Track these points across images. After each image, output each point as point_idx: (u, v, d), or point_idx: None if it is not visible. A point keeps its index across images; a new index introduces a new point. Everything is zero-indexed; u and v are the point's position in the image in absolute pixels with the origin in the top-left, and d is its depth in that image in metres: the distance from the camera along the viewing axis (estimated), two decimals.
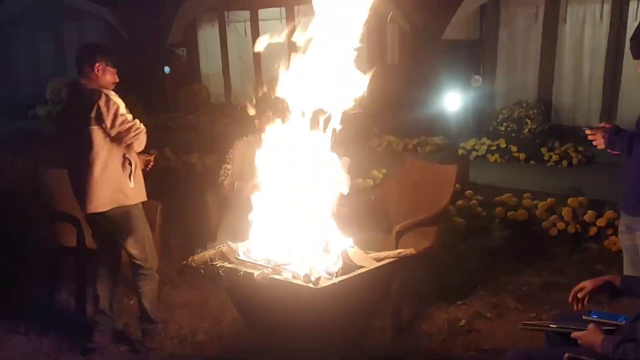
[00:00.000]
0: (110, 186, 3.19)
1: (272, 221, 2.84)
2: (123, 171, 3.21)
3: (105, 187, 3.18)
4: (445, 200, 3.58)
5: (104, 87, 3.21)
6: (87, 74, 3.20)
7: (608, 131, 2.42)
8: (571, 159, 6.82)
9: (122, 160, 3.21)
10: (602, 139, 2.42)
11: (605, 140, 2.42)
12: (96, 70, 3.21)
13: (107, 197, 3.20)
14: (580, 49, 7.79)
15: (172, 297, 4.09)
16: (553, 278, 4.09)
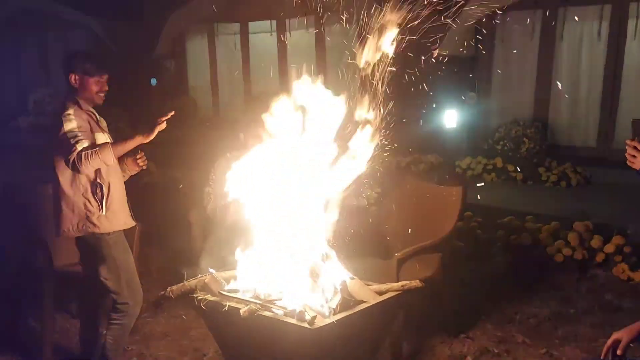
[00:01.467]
0: (77, 213, 2.88)
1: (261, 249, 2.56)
2: (93, 197, 2.89)
3: (70, 213, 2.88)
4: (450, 225, 3.32)
5: (90, 99, 2.92)
6: (69, 85, 2.93)
7: None
8: (569, 180, 6.62)
9: (89, 186, 2.89)
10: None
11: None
12: (73, 81, 2.94)
13: (74, 224, 2.89)
14: (578, 67, 7.62)
15: (150, 326, 3.77)
16: (561, 309, 3.83)
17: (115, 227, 2.96)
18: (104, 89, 3.00)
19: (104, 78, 2.99)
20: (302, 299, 2.30)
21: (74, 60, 2.99)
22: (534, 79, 7.92)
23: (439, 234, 3.35)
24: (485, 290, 4.11)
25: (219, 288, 2.49)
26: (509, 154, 7.03)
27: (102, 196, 2.89)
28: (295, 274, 2.42)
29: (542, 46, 7.83)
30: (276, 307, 2.29)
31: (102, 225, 2.90)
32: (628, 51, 7.20)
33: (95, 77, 2.96)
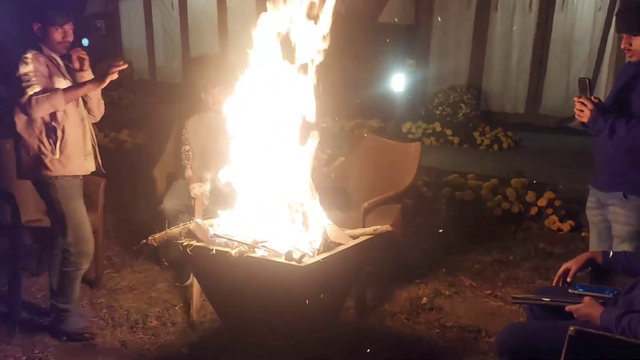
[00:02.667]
0: (32, 155, 2.89)
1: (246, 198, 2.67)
2: (47, 140, 2.88)
3: (26, 155, 2.90)
4: (410, 178, 3.55)
5: (52, 48, 2.88)
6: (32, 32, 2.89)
7: (596, 108, 2.45)
8: (501, 143, 7.07)
9: (44, 129, 2.88)
10: (590, 113, 2.45)
11: (591, 115, 2.45)
12: (36, 30, 2.90)
13: (29, 166, 2.91)
14: (510, 37, 8.07)
15: (115, 280, 3.80)
16: (502, 256, 4.20)
17: (68, 172, 2.94)
18: (67, 39, 2.96)
19: (67, 28, 2.95)
20: (289, 241, 2.45)
21: (38, 9, 2.94)
22: (469, 47, 8.31)
23: (398, 187, 3.58)
24: (433, 241, 4.42)
25: (204, 234, 2.58)
26: (447, 119, 7.40)
27: (55, 139, 2.89)
28: (279, 218, 2.57)
29: (477, 16, 8.22)
30: (264, 248, 2.43)
31: (55, 168, 2.90)
32: (555, 23, 7.71)
33: (57, 26, 2.92)
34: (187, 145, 3.90)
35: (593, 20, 7.41)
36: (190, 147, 3.89)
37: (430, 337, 3.15)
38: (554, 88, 7.82)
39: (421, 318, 3.35)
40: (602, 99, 2.60)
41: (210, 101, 3.85)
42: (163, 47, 10.88)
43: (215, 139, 3.77)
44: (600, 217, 2.72)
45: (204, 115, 3.93)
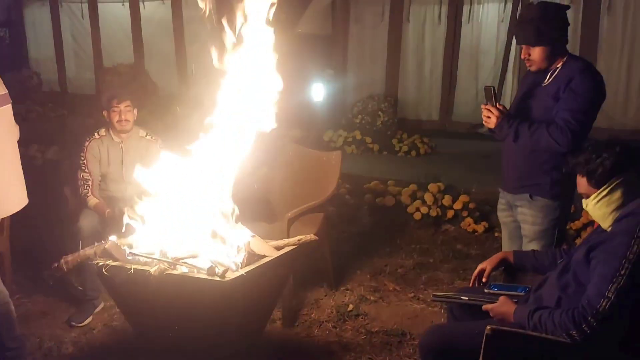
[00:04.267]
0: None
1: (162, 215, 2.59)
2: None
3: None
4: (332, 187, 3.59)
5: None
6: None
7: (502, 115, 2.59)
8: (419, 150, 7.32)
9: None
10: (496, 119, 2.59)
11: (497, 122, 2.59)
12: None
13: None
14: (422, 48, 8.39)
15: (26, 306, 3.57)
16: (422, 259, 4.34)
17: None
18: None
19: None
20: (209, 256, 2.41)
21: None
22: (384, 57, 8.56)
23: (321, 195, 3.61)
24: (357, 247, 4.50)
25: (121, 253, 2.48)
26: (367, 127, 7.57)
27: None
28: (198, 234, 2.51)
29: (391, 27, 8.48)
30: (185, 265, 2.37)
31: None
32: (463, 34, 8.11)
33: None
34: (86, 173, 3.60)
35: (497, 32, 7.86)
36: (89, 174, 3.60)
37: (357, 343, 3.19)
38: (464, 96, 8.21)
39: (348, 325, 3.38)
40: (508, 106, 2.76)
41: (115, 119, 3.58)
42: (74, 57, 10.40)
43: (120, 165, 3.61)
44: (510, 218, 2.87)
45: (105, 137, 3.68)
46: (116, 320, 3.41)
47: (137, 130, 3.71)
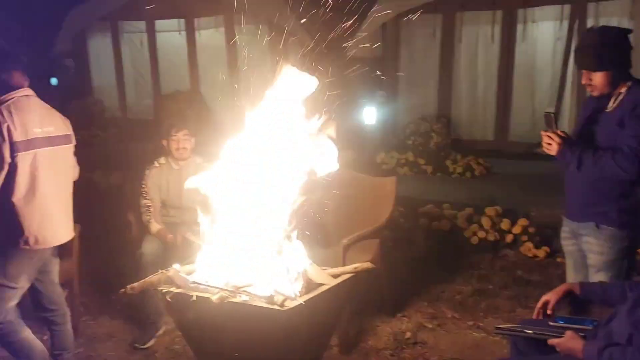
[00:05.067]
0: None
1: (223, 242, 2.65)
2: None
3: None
4: (387, 213, 3.59)
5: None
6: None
7: (563, 142, 2.53)
8: (473, 171, 7.19)
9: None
10: (558, 147, 2.53)
11: (559, 149, 2.53)
12: None
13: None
14: (475, 68, 8.29)
15: (93, 328, 3.71)
16: (481, 285, 4.25)
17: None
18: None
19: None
20: (269, 284, 2.44)
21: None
22: (436, 78, 8.51)
23: (376, 221, 3.61)
24: (413, 272, 4.44)
25: (183, 280, 2.55)
26: (419, 148, 7.52)
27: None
28: (258, 262, 2.55)
29: (443, 48, 8.44)
30: (245, 293, 2.41)
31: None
32: (518, 53, 7.97)
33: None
34: (147, 200, 3.73)
35: (553, 50, 7.68)
36: (151, 201, 3.73)
37: None
38: (520, 115, 8.03)
39: (406, 353, 3.34)
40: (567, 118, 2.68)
41: (174, 147, 3.73)
42: (134, 84, 10.83)
43: (179, 192, 3.73)
44: (575, 246, 2.78)
45: (165, 165, 3.82)
46: (177, 343, 3.49)
47: (194, 158, 3.83)
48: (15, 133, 2.71)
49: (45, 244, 2.88)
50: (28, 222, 2.79)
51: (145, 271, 3.37)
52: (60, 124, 2.96)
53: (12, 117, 2.72)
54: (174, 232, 3.63)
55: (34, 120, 2.80)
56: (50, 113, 2.95)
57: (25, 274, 2.88)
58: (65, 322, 3.10)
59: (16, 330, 2.89)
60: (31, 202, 2.79)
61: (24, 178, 2.75)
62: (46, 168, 2.85)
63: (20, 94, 2.80)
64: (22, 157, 2.74)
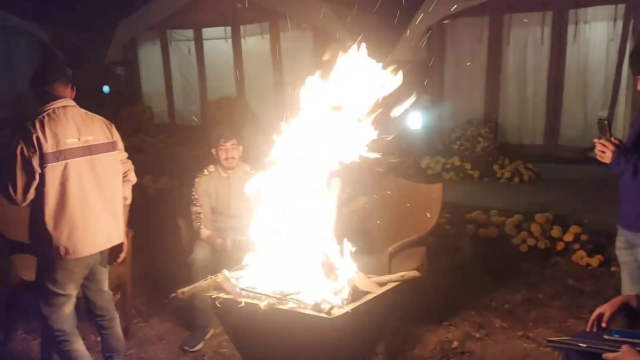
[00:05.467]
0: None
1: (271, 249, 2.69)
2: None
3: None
4: (433, 220, 3.55)
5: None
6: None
7: (618, 150, 2.45)
8: (522, 176, 7.03)
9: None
10: (612, 154, 2.45)
11: (613, 157, 2.45)
12: None
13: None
14: (524, 70, 8.09)
15: (144, 330, 3.81)
16: (531, 294, 4.14)
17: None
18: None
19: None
20: (316, 292, 2.45)
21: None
22: (483, 81, 8.34)
23: (422, 228, 3.57)
24: (459, 280, 4.37)
25: (232, 286, 2.60)
26: (466, 153, 7.40)
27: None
28: (305, 269, 2.57)
29: (490, 50, 8.27)
30: (293, 300, 2.43)
31: None
32: (569, 55, 7.73)
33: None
34: (197, 207, 3.81)
35: (606, 51, 7.42)
36: (201, 208, 3.81)
37: None
38: (571, 118, 7.79)
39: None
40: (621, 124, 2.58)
41: (222, 156, 3.81)
42: (181, 91, 11.09)
43: (227, 199, 3.80)
44: (630, 257, 2.68)
45: (214, 173, 3.90)
46: (225, 347, 3.55)
47: (242, 165, 3.90)
48: (45, 144, 2.75)
49: (76, 254, 2.88)
50: (57, 233, 2.82)
51: (196, 276, 3.46)
52: (100, 133, 2.97)
53: (44, 129, 2.76)
54: (223, 237, 3.70)
55: (68, 131, 2.83)
56: (91, 122, 2.95)
57: (71, 281, 2.93)
58: (112, 326, 3.18)
59: (70, 340, 2.97)
60: (60, 213, 2.81)
61: (53, 189, 2.78)
62: (82, 177, 2.87)
63: (58, 104, 2.85)
64: (51, 168, 2.77)
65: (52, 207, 2.79)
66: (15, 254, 3.48)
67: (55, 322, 2.93)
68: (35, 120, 2.78)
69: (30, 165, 2.73)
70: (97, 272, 3.08)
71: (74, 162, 2.83)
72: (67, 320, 2.96)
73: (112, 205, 3.03)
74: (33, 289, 3.09)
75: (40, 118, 2.79)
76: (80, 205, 2.87)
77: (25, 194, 2.76)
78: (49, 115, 2.81)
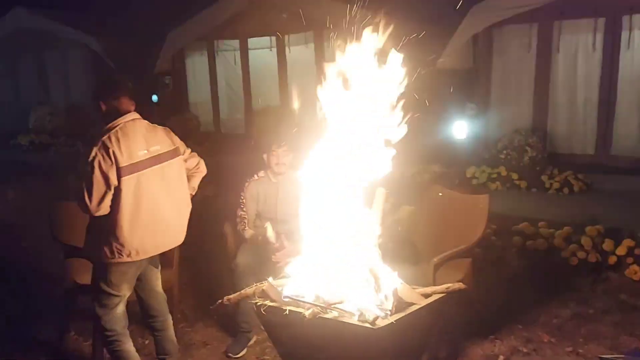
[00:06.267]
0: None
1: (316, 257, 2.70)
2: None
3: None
4: (479, 232, 3.49)
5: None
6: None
7: None
8: (572, 187, 6.82)
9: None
10: None
11: None
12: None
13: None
14: (574, 78, 7.87)
15: (189, 335, 3.89)
16: (581, 309, 4.02)
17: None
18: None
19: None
20: (360, 302, 2.45)
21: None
22: (531, 89, 8.15)
23: (467, 240, 3.52)
24: (506, 294, 4.28)
25: (277, 294, 2.62)
26: (512, 162, 7.24)
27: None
28: (350, 279, 2.57)
29: (539, 58, 8.08)
30: (337, 309, 2.44)
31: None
32: (622, 62, 7.48)
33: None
34: (243, 212, 3.88)
35: None
36: (246, 212, 3.88)
37: None
38: (624, 127, 7.52)
39: None
40: None
41: (274, 162, 3.86)
42: (226, 100, 11.30)
43: (274, 204, 3.84)
44: None
45: (263, 178, 3.96)
46: (268, 354, 3.58)
47: (291, 172, 3.94)
48: (121, 158, 2.90)
49: (145, 254, 3.06)
50: (132, 237, 2.97)
51: (239, 281, 3.52)
52: (165, 141, 3.12)
53: (119, 143, 2.91)
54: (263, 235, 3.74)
55: (138, 143, 2.98)
56: (156, 132, 3.11)
57: (126, 282, 3.08)
58: (165, 328, 3.27)
59: (121, 341, 3.10)
60: (135, 220, 2.96)
61: (128, 199, 2.93)
62: (153, 185, 3.02)
63: (128, 119, 2.99)
64: (126, 180, 2.92)
65: (127, 214, 2.94)
66: (70, 258, 3.61)
67: (108, 322, 3.05)
68: (110, 135, 2.93)
69: (107, 178, 2.88)
70: (149, 272, 3.20)
71: (145, 173, 2.99)
72: (119, 320, 3.08)
73: (179, 207, 3.20)
74: (86, 291, 3.21)
75: (114, 132, 2.94)
76: (152, 211, 3.02)
77: (100, 204, 2.90)
78: (121, 129, 2.95)
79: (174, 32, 10.88)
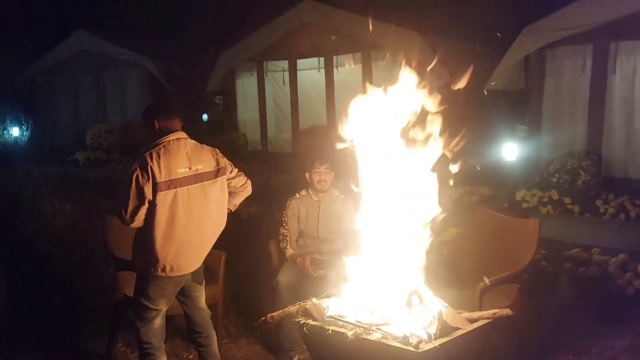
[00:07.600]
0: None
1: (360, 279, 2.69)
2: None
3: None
4: (528, 256, 3.39)
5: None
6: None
7: None
8: (629, 212, 6.55)
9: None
10: None
11: None
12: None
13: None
14: (632, 100, 7.62)
15: (232, 351, 3.91)
16: (637, 341, 3.81)
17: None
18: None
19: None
20: (404, 325, 2.42)
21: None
22: (586, 112, 7.92)
23: (515, 264, 3.43)
24: (556, 322, 4.12)
25: (320, 314, 2.62)
26: (565, 186, 7.02)
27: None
28: (394, 301, 2.55)
29: (593, 79, 7.85)
30: (380, 331, 2.41)
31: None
32: None
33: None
34: (285, 230, 3.93)
35: None
36: (288, 230, 3.92)
37: None
38: None
39: None
40: None
41: (316, 180, 3.89)
42: (274, 119, 11.48)
43: (316, 222, 3.86)
44: None
45: (305, 196, 3.99)
46: None
47: (332, 190, 3.96)
48: (158, 174, 2.99)
49: (180, 271, 3.10)
50: (165, 252, 3.03)
51: (280, 299, 3.54)
52: (209, 161, 3.18)
53: (159, 160, 3.01)
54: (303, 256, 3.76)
55: (180, 161, 3.06)
56: (200, 151, 3.18)
57: (164, 297, 3.14)
58: (210, 344, 3.32)
59: (156, 355, 3.17)
60: (169, 235, 3.03)
61: (163, 213, 3.01)
62: (192, 202, 3.08)
63: (173, 137, 3.09)
64: (163, 196, 3.00)
65: (162, 229, 3.02)
66: (120, 271, 3.72)
67: (145, 335, 3.12)
68: (152, 151, 3.04)
69: (143, 192, 2.98)
70: (192, 289, 3.24)
71: (183, 190, 3.06)
72: (156, 334, 3.15)
73: (214, 228, 3.23)
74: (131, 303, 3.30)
75: (157, 149, 3.05)
76: (187, 227, 3.08)
77: (133, 217, 3.00)
78: (164, 146, 3.06)
79: (225, 54, 11.19)
